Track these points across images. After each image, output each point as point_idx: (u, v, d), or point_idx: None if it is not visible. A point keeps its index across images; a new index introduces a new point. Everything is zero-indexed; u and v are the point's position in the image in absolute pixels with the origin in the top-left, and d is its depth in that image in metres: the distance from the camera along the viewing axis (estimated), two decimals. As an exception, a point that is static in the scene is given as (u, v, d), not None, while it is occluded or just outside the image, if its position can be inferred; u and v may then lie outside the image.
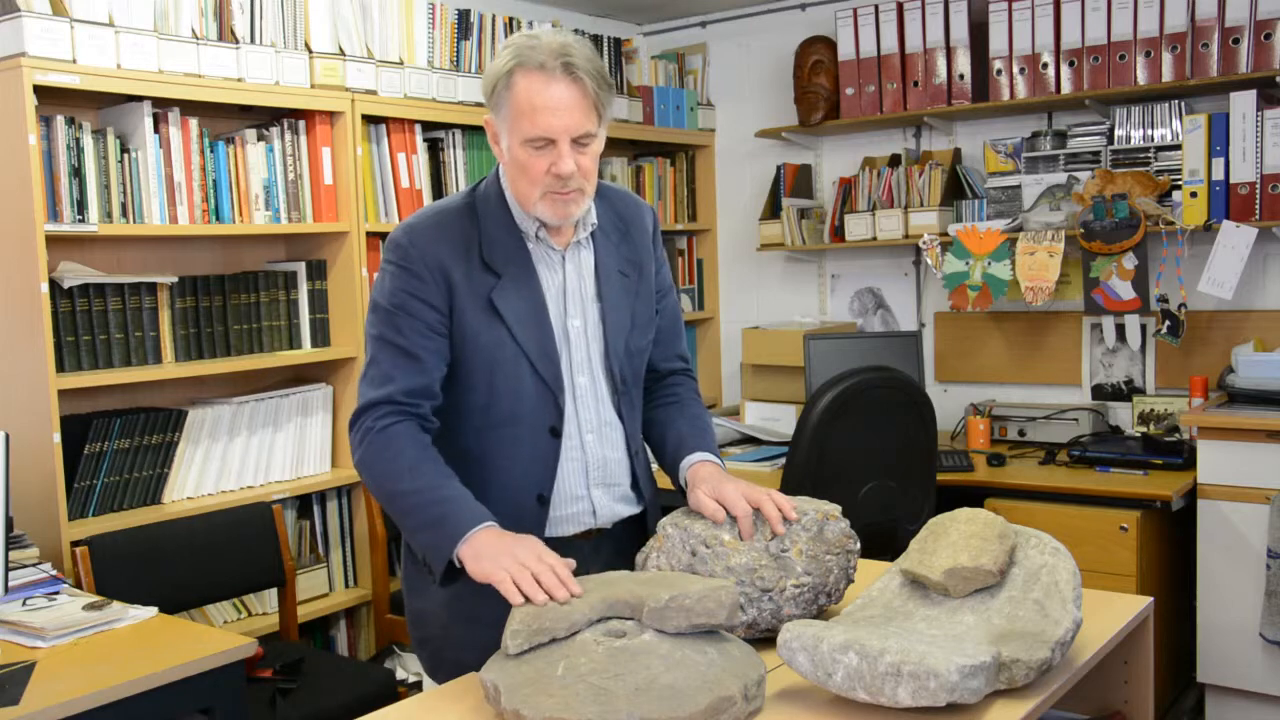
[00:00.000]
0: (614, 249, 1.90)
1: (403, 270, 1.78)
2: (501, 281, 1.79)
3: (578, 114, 1.71)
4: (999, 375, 4.04)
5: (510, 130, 1.74)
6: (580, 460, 1.86)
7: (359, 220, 3.28)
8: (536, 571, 1.54)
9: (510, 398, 1.80)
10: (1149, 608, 1.77)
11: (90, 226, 2.72)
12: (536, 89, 1.69)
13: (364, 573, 3.39)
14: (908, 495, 2.97)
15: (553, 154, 1.72)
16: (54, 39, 2.61)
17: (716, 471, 1.83)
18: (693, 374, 2.10)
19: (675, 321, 2.05)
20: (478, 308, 1.78)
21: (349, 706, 2.55)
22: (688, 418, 1.97)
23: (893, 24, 3.94)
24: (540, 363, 1.80)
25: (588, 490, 1.87)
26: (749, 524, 1.69)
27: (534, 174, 1.74)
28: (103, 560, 2.60)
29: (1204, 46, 3.41)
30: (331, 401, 3.34)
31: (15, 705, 1.80)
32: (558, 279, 1.85)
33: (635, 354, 1.92)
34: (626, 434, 1.92)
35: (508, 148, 1.76)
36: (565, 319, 1.85)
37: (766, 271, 4.59)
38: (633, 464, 1.94)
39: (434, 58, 3.52)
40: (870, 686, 1.35)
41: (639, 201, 2.01)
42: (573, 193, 1.76)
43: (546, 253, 1.84)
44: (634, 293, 1.91)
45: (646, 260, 1.95)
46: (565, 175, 1.72)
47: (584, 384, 1.86)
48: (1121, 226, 3.52)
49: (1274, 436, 3.05)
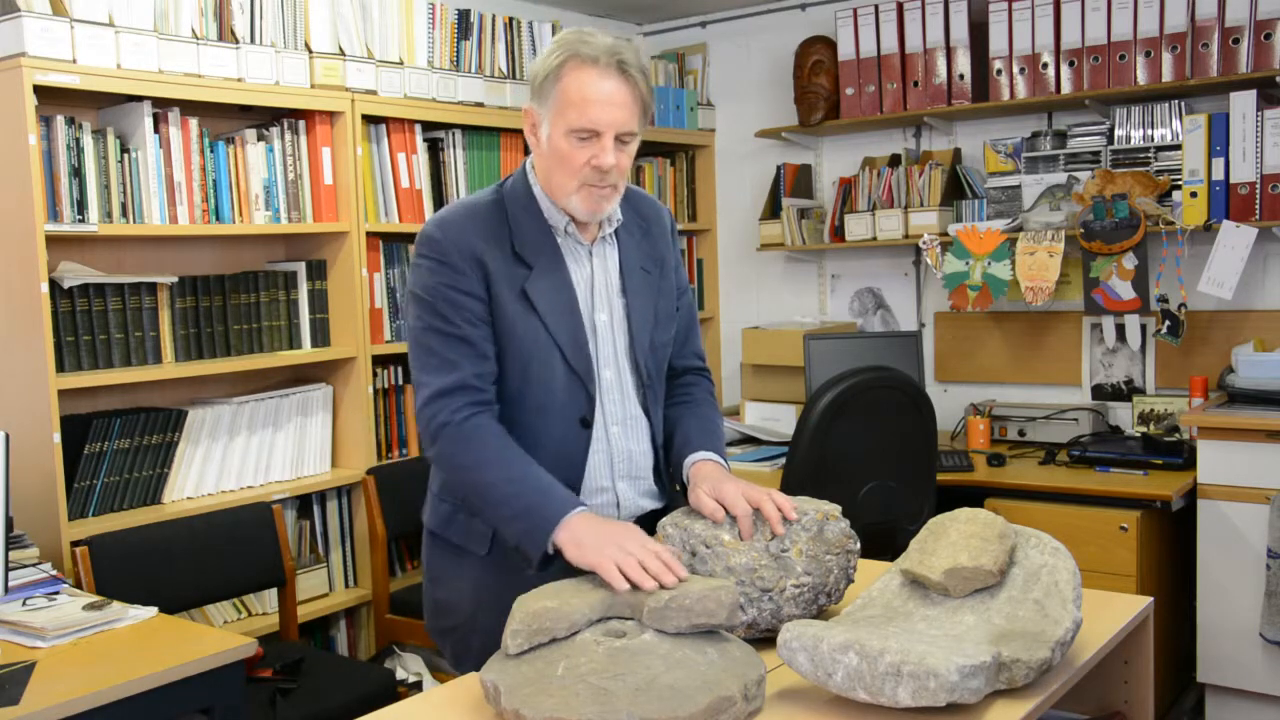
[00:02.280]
0: (637, 246, 1.94)
1: (439, 264, 1.80)
2: (534, 273, 1.82)
3: (625, 110, 1.76)
4: (999, 375, 4.04)
5: (555, 120, 1.77)
6: (606, 452, 1.89)
7: (359, 220, 3.28)
8: (641, 558, 1.56)
9: (542, 388, 1.84)
10: (1149, 608, 1.77)
11: (90, 226, 2.72)
12: (588, 81, 1.74)
13: (364, 573, 3.39)
14: (908, 495, 2.97)
15: (595, 146, 1.76)
16: (54, 39, 2.61)
17: (718, 470, 1.84)
18: (708, 373, 2.14)
19: (691, 320, 2.10)
20: (513, 298, 1.81)
21: (349, 706, 2.55)
22: (697, 417, 2.00)
23: (893, 24, 3.94)
24: (572, 354, 1.84)
25: (613, 482, 1.91)
26: (748, 524, 1.70)
27: (573, 165, 1.77)
28: (103, 560, 2.60)
29: (1204, 46, 3.41)
30: (331, 401, 3.34)
31: (15, 705, 1.80)
32: (585, 273, 1.89)
33: (659, 348, 1.96)
34: (651, 427, 1.96)
35: (548, 138, 1.79)
36: (593, 312, 1.88)
37: (766, 271, 4.59)
38: (657, 458, 1.97)
39: (434, 58, 3.52)
40: (870, 686, 1.35)
41: (657, 202, 2.06)
42: (608, 188, 1.80)
43: (574, 247, 1.88)
44: (656, 289, 1.95)
45: (667, 257, 2.00)
46: (606, 168, 1.76)
47: (610, 377, 1.89)
48: (1121, 226, 3.52)
49: (1274, 436, 3.05)
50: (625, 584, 1.54)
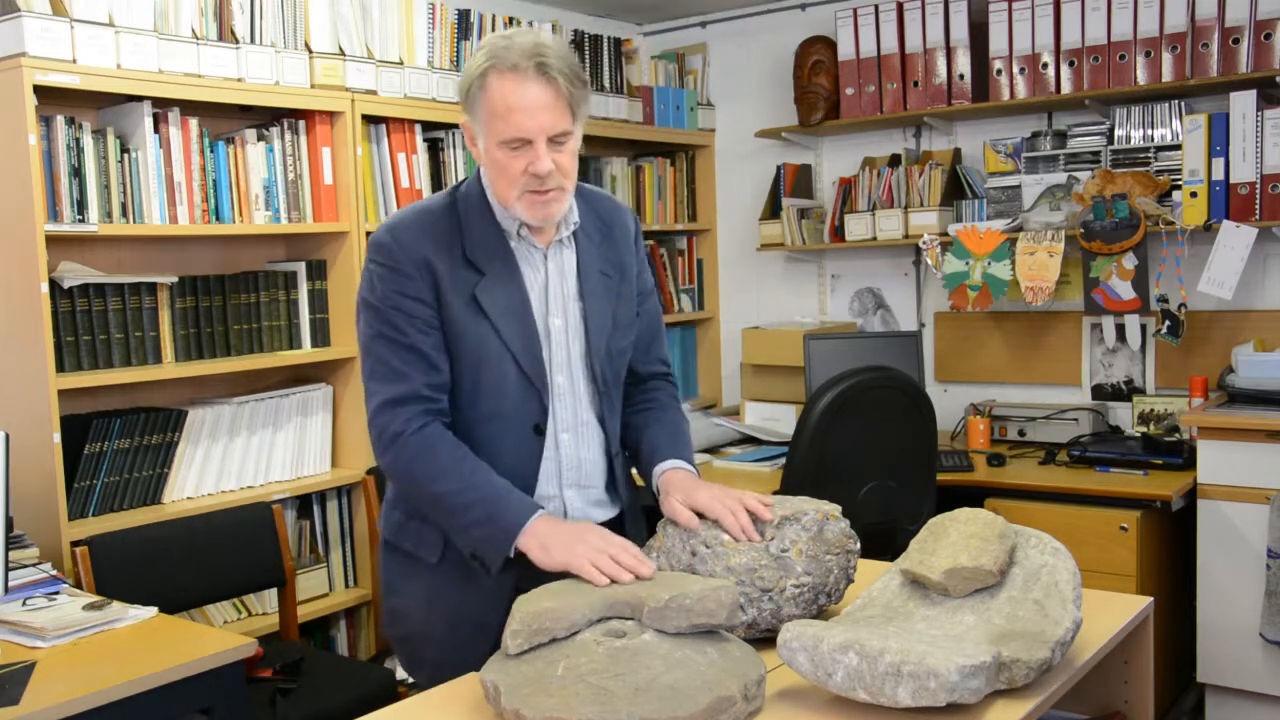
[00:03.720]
0: (595, 249, 1.91)
1: (389, 270, 1.78)
2: (485, 278, 1.80)
3: (552, 113, 1.72)
4: (999, 375, 4.04)
5: (486, 132, 1.75)
6: (554, 459, 1.87)
7: (359, 220, 3.28)
8: (613, 554, 1.58)
9: (494, 394, 1.81)
10: (1149, 608, 1.77)
11: (90, 226, 2.72)
12: (510, 90, 1.70)
13: (364, 573, 3.39)
14: (908, 495, 2.97)
15: (529, 154, 1.73)
16: (54, 39, 2.61)
17: (688, 479, 1.83)
18: (673, 378, 2.10)
19: (656, 325, 2.05)
20: (462, 303, 1.78)
21: (349, 706, 2.55)
22: (663, 424, 1.97)
23: (893, 24, 3.94)
24: (525, 359, 1.81)
25: (560, 490, 1.88)
26: (730, 520, 1.69)
27: (512, 174, 1.74)
28: (103, 560, 2.60)
29: (1204, 46, 3.41)
30: (331, 401, 3.34)
31: (15, 705, 1.80)
32: (540, 277, 1.86)
33: (616, 355, 1.92)
34: (606, 435, 1.92)
35: (485, 149, 1.78)
36: (547, 317, 1.85)
37: (766, 271, 4.59)
38: (610, 466, 1.94)
39: (434, 58, 3.52)
40: (870, 686, 1.35)
41: (619, 204, 2.02)
42: (552, 191, 1.76)
43: (529, 251, 1.85)
44: (615, 293, 1.92)
45: (628, 262, 1.95)
46: (543, 174, 1.73)
47: (562, 383, 1.87)
48: (1121, 226, 3.52)
49: (1274, 436, 3.05)
50: (604, 579, 1.56)
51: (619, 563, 1.57)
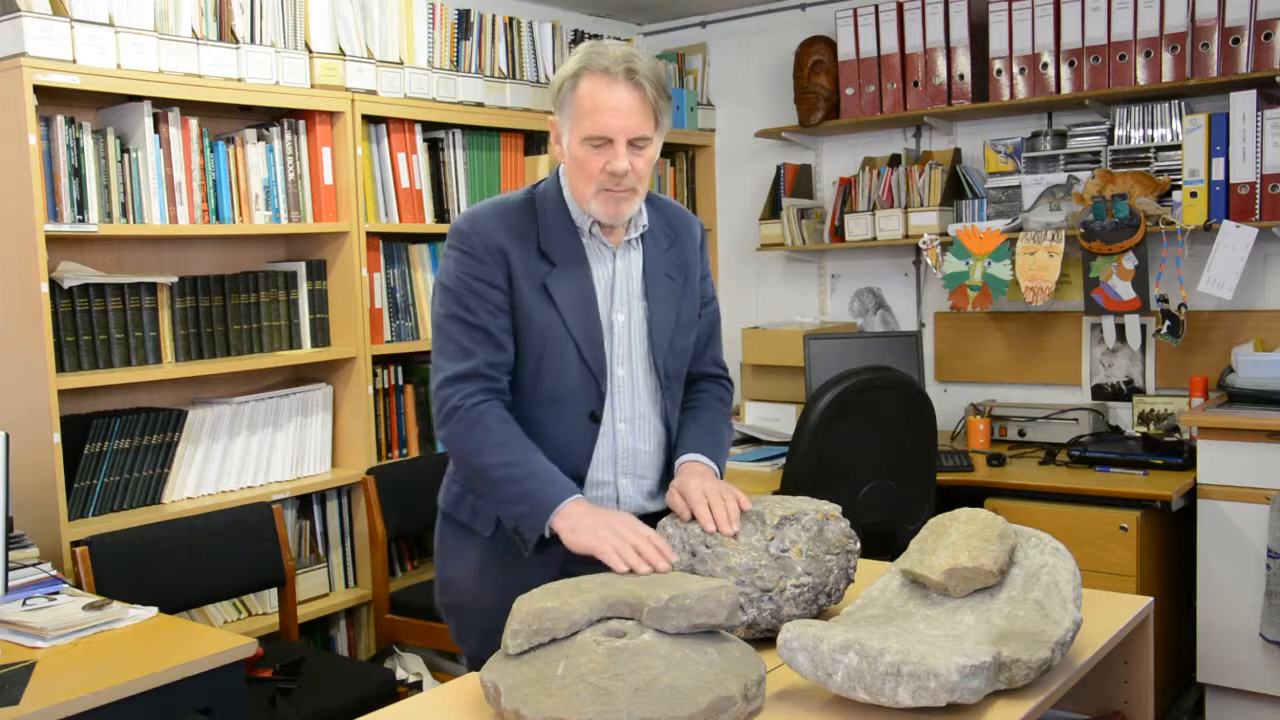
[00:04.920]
0: (662, 253, 2.01)
1: (465, 255, 1.89)
2: (556, 269, 1.90)
3: (636, 117, 1.83)
4: (999, 375, 4.04)
5: (572, 129, 1.86)
6: (610, 448, 1.95)
7: (359, 220, 3.28)
8: (635, 543, 1.65)
9: (554, 379, 1.91)
10: (1149, 608, 1.77)
11: (90, 226, 2.72)
12: (599, 91, 1.82)
13: (364, 573, 3.39)
14: (908, 495, 2.97)
15: (609, 152, 1.83)
16: (54, 39, 2.61)
17: (695, 469, 1.90)
18: (726, 381, 2.17)
19: (714, 329, 2.16)
20: (532, 290, 1.89)
21: (349, 706, 2.55)
22: (699, 421, 2.05)
23: (893, 24, 3.94)
24: (586, 348, 1.90)
25: (614, 477, 1.97)
26: (704, 511, 1.73)
27: (590, 171, 1.85)
28: (103, 560, 2.60)
29: (1204, 46, 3.41)
30: (331, 401, 3.34)
31: (15, 705, 1.80)
32: (607, 273, 1.96)
33: (678, 352, 2.01)
34: (665, 429, 2.01)
35: (568, 146, 1.88)
36: (611, 311, 1.95)
37: (766, 271, 4.59)
38: (668, 460, 2.01)
39: (434, 58, 3.52)
40: (870, 686, 1.35)
41: (689, 214, 2.14)
42: (625, 191, 1.86)
43: (599, 248, 1.95)
44: (679, 294, 2.02)
45: (693, 265, 2.06)
46: (619, 173, 1.83)
47: (622, 375, 1.96)
48: (1121, 226, 3.52)
49: (1274, 436, 3.05)
50: (624, 566, 1.62)
51: (640, 553, 1.63)
